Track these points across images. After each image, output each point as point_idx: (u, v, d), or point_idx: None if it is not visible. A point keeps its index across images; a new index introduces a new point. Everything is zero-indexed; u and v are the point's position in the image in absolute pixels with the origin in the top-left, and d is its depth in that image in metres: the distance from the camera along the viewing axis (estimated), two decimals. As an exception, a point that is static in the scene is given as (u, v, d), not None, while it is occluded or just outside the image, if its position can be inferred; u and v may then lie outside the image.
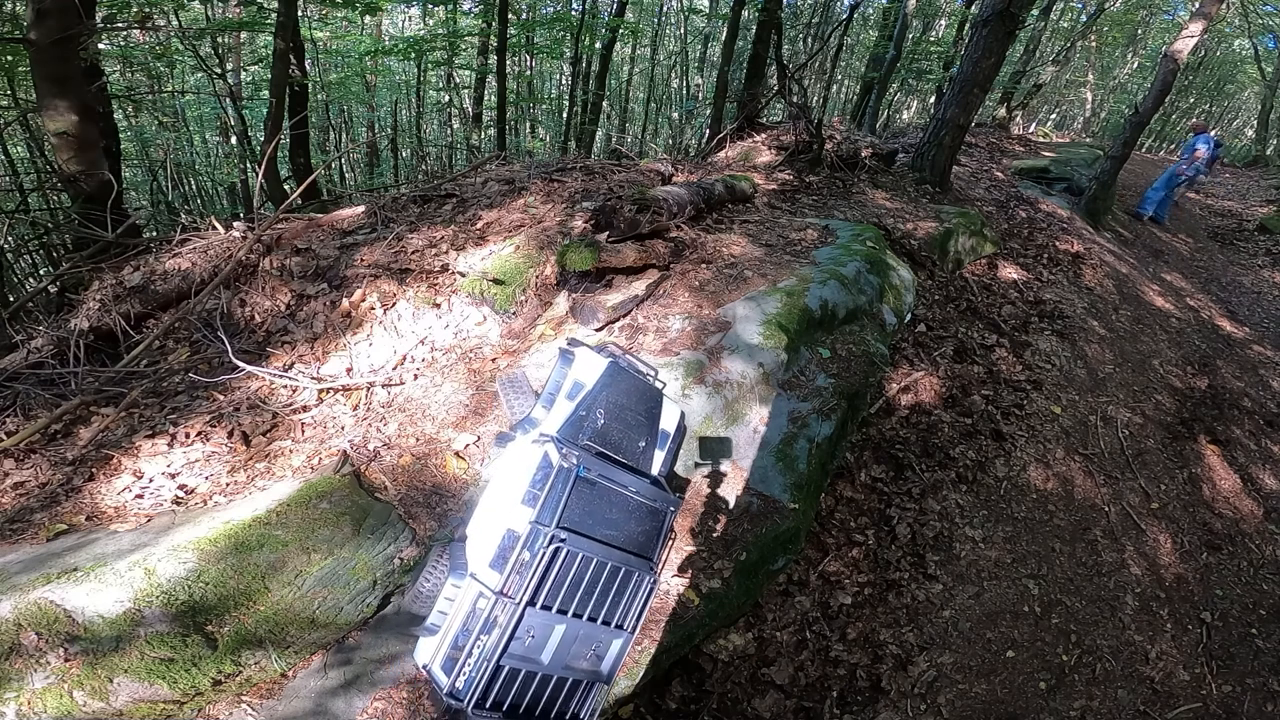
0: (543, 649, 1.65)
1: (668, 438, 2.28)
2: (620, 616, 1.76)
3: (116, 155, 5.16)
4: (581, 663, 1.70)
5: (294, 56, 5.91)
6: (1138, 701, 2.97)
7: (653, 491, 1.92)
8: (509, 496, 1.87)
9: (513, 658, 1.61)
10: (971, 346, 4.46)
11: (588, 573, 1.70)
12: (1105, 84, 21.45)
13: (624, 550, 1.79)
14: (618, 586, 1.75)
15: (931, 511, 3.41)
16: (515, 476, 1.89)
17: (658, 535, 1.87)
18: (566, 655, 1.67)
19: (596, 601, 1.72)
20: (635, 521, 1.83)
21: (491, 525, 1.87)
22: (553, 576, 1.63)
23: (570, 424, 2.00)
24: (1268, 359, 5.93)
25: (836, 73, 17.46)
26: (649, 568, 1.81)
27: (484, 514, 1.94)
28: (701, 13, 15.74)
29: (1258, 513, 4.07)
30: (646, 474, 2.02)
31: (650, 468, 2.10)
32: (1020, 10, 5.58)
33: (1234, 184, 13.28)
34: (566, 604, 1.67)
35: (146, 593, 1.82)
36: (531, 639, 1.63)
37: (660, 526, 1.88)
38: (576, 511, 1.74)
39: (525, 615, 1.61)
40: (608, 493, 1.82)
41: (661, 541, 1.88)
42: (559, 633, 1.66)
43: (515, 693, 1.61)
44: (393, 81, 13.46)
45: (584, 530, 1.72)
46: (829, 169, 5.91)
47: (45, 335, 3.15)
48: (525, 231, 3.68)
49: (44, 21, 3.68)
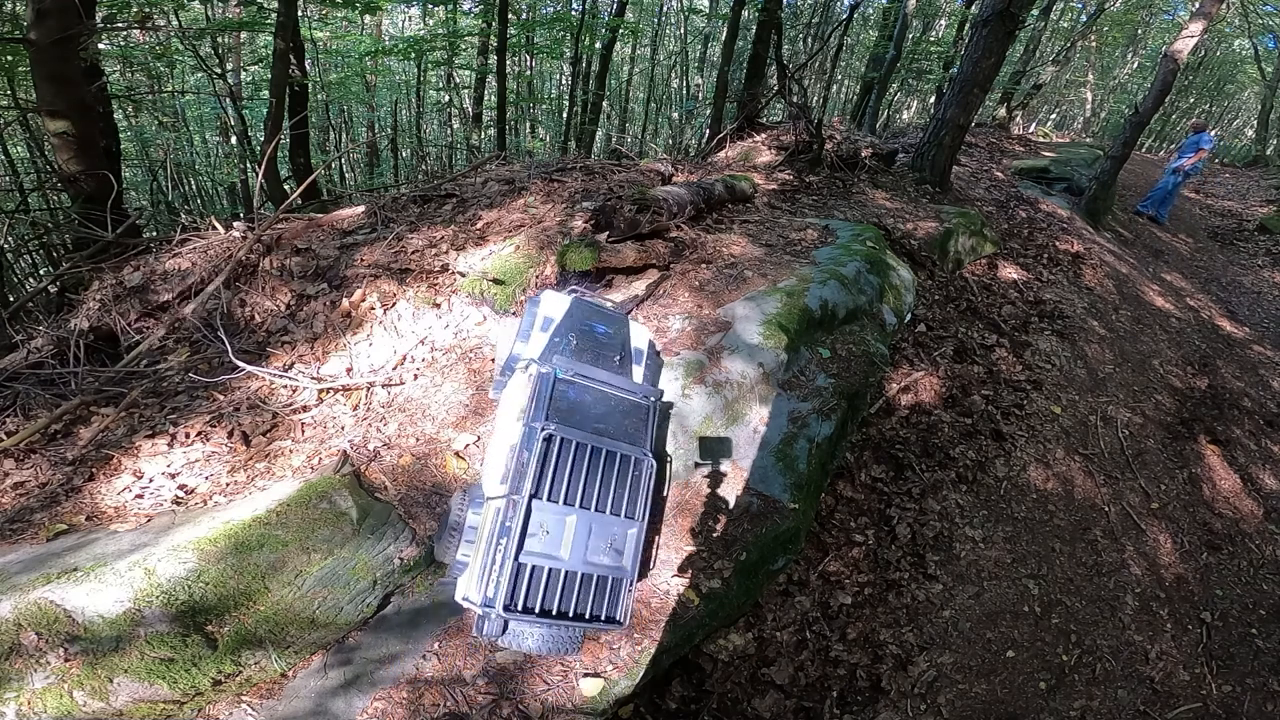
0: (560, 544, 1.73)
1: (642, 355, 2.39)
2: (629, 506, 1.85)
3: (116, 155, 5.16)
4: (602, 558, 1.77)
5: (294, 56, 5.91)
6: (1138, 701, 2.97)
7: (633, 386, 2.08)
8: (508, 423, 2.00)
9: (532, 555, 1.70)
10: (971, 346, 4.46)
11: (586, 461, 1.83)
12: (1105, 84, 21.44)
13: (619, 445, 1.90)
14: (618, 474, 1.86)
15: (931, 511, 3.41)
16: (510, 405, 2.03)
17: (645, 426, 2.00)
18: (585, 550, 1.75)
19: (601, 491, 1.81)
20: (621, 415, 1.97)
21: (497, 451, 1.99)
22: (552, 466, 1.76)
23: (547, 349, 2.16)
24: (1268, 359, 5.93)
25: (836, 73, 17.46)
26: (644, 452, 1.91)
27: (492, 448, 2.07)
28: (701, 13, 15.74)
29: (1258, 513, 4.07)
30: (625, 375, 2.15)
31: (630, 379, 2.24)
32: (1020, 10, 5.58)
33: (1234, 184, 13.27)
34: (572, 495, 1.78)
35: (146, 593, 1.82)
36: (547, 535, 1.73)
37: (646, 418, 2.02)
38: (563, 409, 1.89)
39: (533, 508, 1.72)
40: (588, 391, 1.98)
41: (651, 432, 2.00)
42: (572, 525, 1.74)
43: (544, 594, 1.68)
44: (393, 81, 13.46)
45: (573, 424, 1.86)
46: (829, 169, 5.91)
47: (45, 335, 3.15)
48: (525, 231, 3.67)
49: (44, 21, 3.68)
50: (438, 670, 2.08)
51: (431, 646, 2.13)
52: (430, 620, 2.19)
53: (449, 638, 2.16)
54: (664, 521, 2.56)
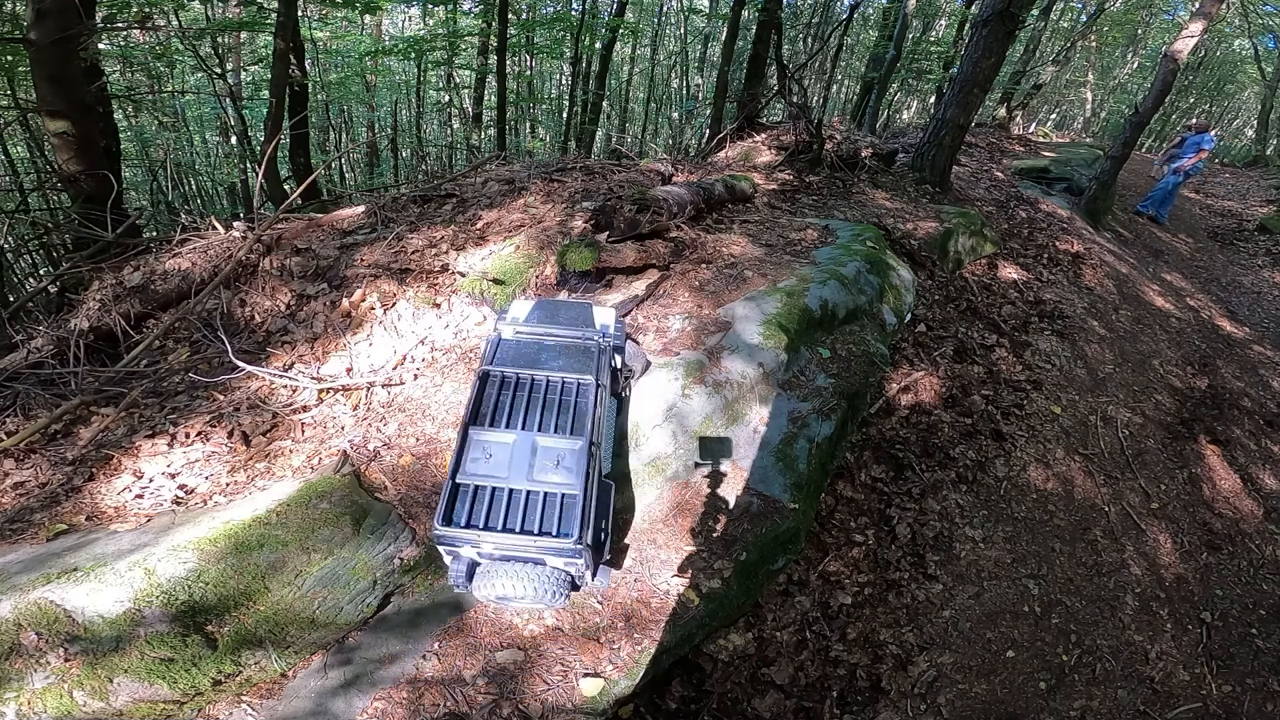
0: (502, 465, 1.83)
1: (607, 329, 2.48)
2: (574, 425, 1.93)
3: (116, 155, 5.16)
4: (551, 475, 1.83)
5: (294, 56, 5.91)
6: (1138, 701, 2.97)
7: (581, 331, 2.26)
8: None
9: (472, 475, 1.81)
10: (971, 346, 4.46)
11: (527, 391, 1.99)
12: (1105, 84, 21.44)
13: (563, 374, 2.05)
14: (561, 399, 1.98)
15: (931, 511, 3.41)
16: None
17: (592, 360, 2.14)
18: (529, 468, 1.83)
19: (544, 414, 1.94)
20: (569, 357, 2.14)
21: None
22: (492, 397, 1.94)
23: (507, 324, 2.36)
24: (1268, 359, 5.93)
25: (836, 73, 17.46)
26: (586, 378, 2.03)
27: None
28: (701, 13, 15.74)
29: (1258, 513, 4.07)
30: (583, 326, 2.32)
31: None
32: (1020, 10, 5.58)
33: (1234, 184, 13.27)
34: (514, 420, 1.91)
35: (146, 593, 1.82)
36: (490, 458, 1.84)
37: (594, 355, 2.16)
38: (509, 357, 2.11)
39: (470, 434, 1.86)
40: (537, 343, 2.21)
41: (601, 366, 2.14)
42: (510, 445, 1.85)
43: (488, 510, 1.76)
44: (393, 81, 13.46)
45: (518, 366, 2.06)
46: (829, 169, 5.91)
47: (45, 335, 3.15)
48: (525, 231, 3.67)
49: (44, 21, 3.68)
50: (438, 670, 2.08)
51: (431, 646, 2.13)
52: (430, 620, 2.19)
53: (449, 638, 2.16)
54: (663, 512, 2.56)
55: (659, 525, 2.56)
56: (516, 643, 2.18)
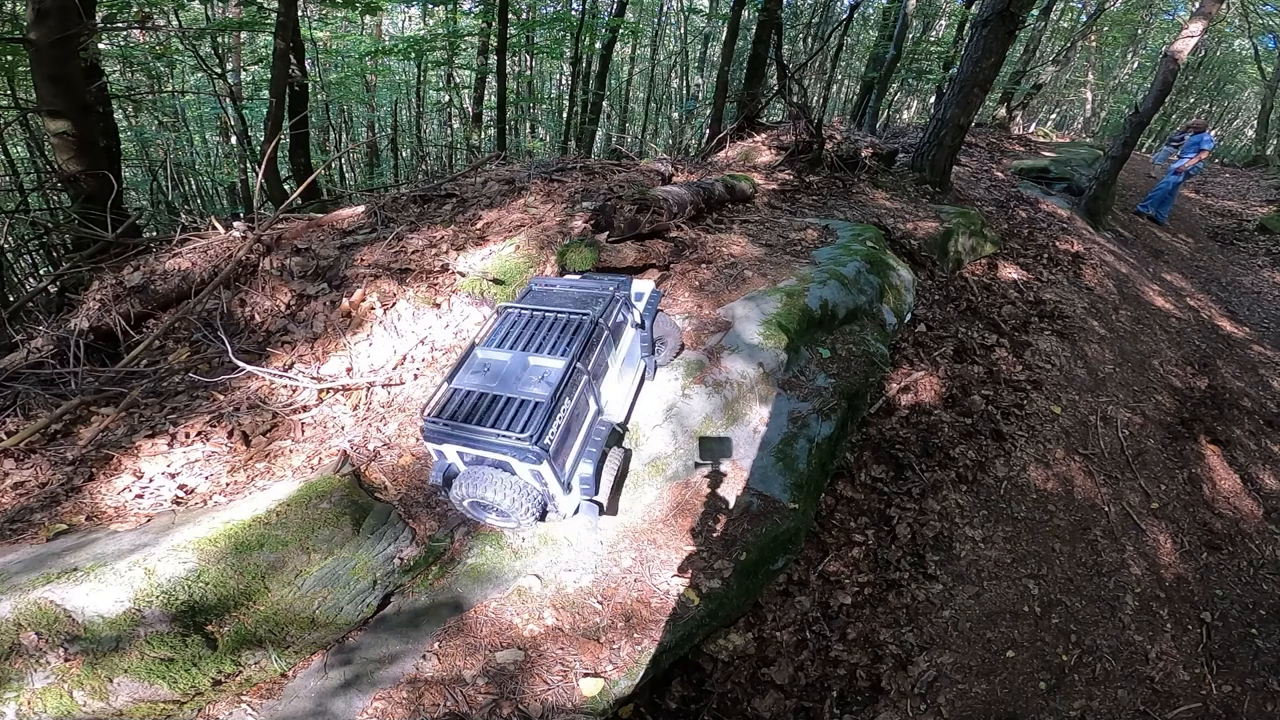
0: (494, 378, 2.13)
1: (642, 296, 2.77)
2: (563, 348, 2.19)
3: (116, 155, 5.16)
4: (532, 388, 2.08)
5: (294, 56, 5.91)
6: (1138, 701, 2.97)
7: (599, 283, 2.56)
8: None
9: (467, 380, 2.12)
10: (971, 346, 4.45)
11: (533, 323, 2.30)
12: (1105, 84, 21.43)
13: (569, 311, 2.33)
14: (560, 330, 2.26)
15: (931, 511, 3.41)
16: None
17: (602, 304, 2.40)
18: (516, 381, 2.11)
19: (542, 340, 2.23)
20: (582, 302, 2.41)
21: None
22: (503, 327, 2.30)
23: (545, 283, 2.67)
24: (1268, 359, 5.93)
25: (836, 73, 17.46)
26: (585, 314, 2.30)
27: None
28: (701, 13, 15.75)
29: (1258, 513, 4.07)
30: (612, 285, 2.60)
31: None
32: (1020, 10, 5.57)
33: (1234, 184, 13.27)
34: (514, 343, 2.23)
35: (146, 593, 1.82)
36: (486, 370, 2.16)
37: (606, 300, 2.43)
38: (531, 300, 2.44)
39: (475, 351, 2.21)
40: (563, 292, 2.52)
41: (607, 309, 2.40)
42: (506, 361, 2.17)
43: (469, 409, 2.04)
44: (393, 81, 13.46)
45: (534, 304, 2.40)
46: (829, 169, 5.90)
47: (45, 335, 3.15)
48: (525, 231, 3.67)
49: (44, 21, 3.68)
50: (438, 670, 2.08)
51: (431, 646, 2.13)
52: (430, 620, 2.19)
53: (449, 637, 2.16)
54: (663, 512, 2.56)
55: (659, 525, 2.56)
56: (516, 642, 2.18)
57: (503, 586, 2.30)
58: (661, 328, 2.84)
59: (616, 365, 2.52)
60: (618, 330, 2.51)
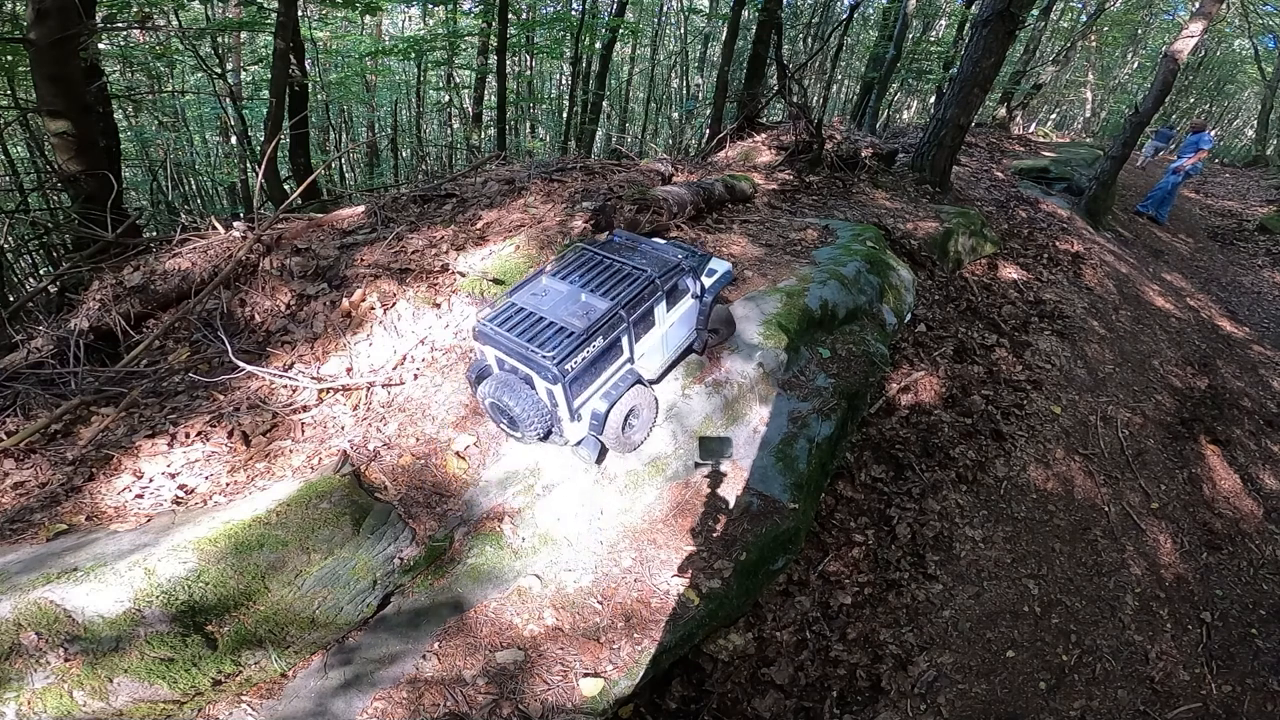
0: (549, 302, 2.37)
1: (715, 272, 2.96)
2: (613, 293, 2.41)
3: (116, 155, 5.15)
4: (574, 319, 2.29)
5: (294, 56, 5.91)
6: (1138, 701, 2.97)
7: (671, 249, 2.75)
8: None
9: (525, 299, 2.38)
10: (971, 346, 4.46)
11: (598, 265, 2.54)
12: (1105, 84, 21.43)
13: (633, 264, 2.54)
14: (619, 278, 2.48)
15: (931, 511, 3.41)
16: None
17: (666, 267, 2.59)
18: (563, 309, 2.34)
19: (600, 282, 2.46)
20: (653, 263, 2.59)
21: None
22: (570, 262, 2.55)
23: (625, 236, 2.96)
24: (1268, 359, 5.93)
25: (836, 73, 17.46)
26: (644, 270, 2.50)
27: None
28: (701, 13, 15.75)
29: (1258, 512, 4.07)
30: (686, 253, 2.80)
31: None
32: (1020, 10, 5.58)
33: (1234, 184, 13.28)
34: (576, 278, 2.46)
35: (146, 593, 1.82)
36: (545, 295, 2.41)
37: (671, 264, 2.62)
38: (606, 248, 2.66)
39: (542, 278, 2.48)
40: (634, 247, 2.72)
41: (667, 271, 2.57)
42: (564, 292, 2.41)
43: (517, 323, 2.30)
44: (393, 81, 13.46)
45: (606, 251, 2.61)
46: (829, 169, 5.90)
47: (45, 335, 3.15)
48: (525, 231, 3.67)
49: (44, 21, 3.67)
50: (438, 670, 2.08)
51: (432, 646, 2.13)
52: (430, 620, 2.19)
53: (449, 637, 2.16)
54: (663, 512, 2.56)
55: (659, 525, 2.56)
56: (516, 642, 2.18)
57: (503, 586, 2.30)
58: (716, 315, 3.01)
59: (663, 325, 2.66)
60: (674, 294, 2.67)
